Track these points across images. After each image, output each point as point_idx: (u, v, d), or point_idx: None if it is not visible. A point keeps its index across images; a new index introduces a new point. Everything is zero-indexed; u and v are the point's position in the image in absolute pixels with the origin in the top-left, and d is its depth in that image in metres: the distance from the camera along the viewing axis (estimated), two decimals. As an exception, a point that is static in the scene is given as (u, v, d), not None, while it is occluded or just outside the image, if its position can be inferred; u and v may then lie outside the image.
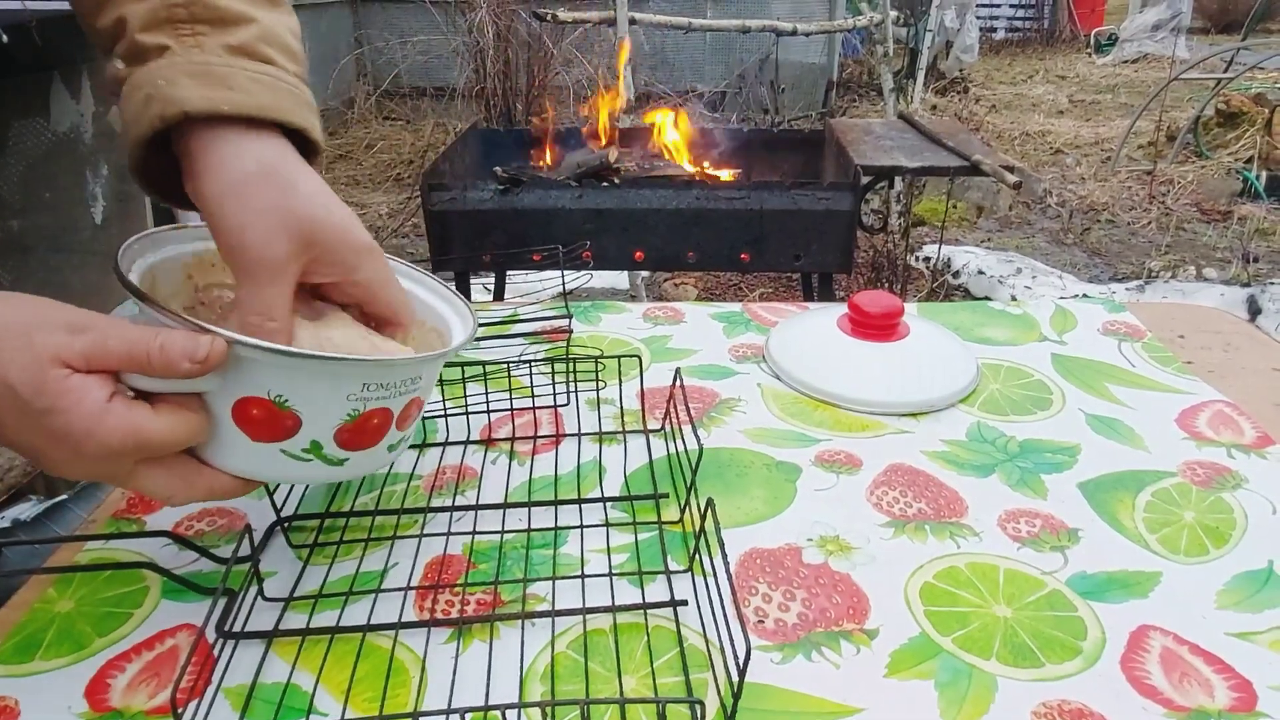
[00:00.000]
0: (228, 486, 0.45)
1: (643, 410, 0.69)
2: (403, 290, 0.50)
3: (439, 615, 0.49)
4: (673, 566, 0.52)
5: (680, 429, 0.65)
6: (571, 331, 0.82)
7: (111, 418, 0.39)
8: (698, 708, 0.41)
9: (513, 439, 0.66)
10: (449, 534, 0.56)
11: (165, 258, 0.50)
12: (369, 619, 0.48)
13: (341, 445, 0.46)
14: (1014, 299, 2.53)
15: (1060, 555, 0.53)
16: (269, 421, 0.43)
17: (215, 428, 0.44)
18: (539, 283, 0.90)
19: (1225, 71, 4.55)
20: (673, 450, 0.63)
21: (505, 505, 0.58)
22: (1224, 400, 0.70)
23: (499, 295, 2.14)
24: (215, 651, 0.46)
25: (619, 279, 2.86)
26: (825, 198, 1.67)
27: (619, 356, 0.73)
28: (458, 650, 0.47)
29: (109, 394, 0.40)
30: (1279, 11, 7.43)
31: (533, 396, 0.69)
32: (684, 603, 0.49)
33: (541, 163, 2.08)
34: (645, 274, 2.83)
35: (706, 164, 2.05)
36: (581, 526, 0.56)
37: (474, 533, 0.56)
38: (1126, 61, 7.55)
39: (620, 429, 0.67)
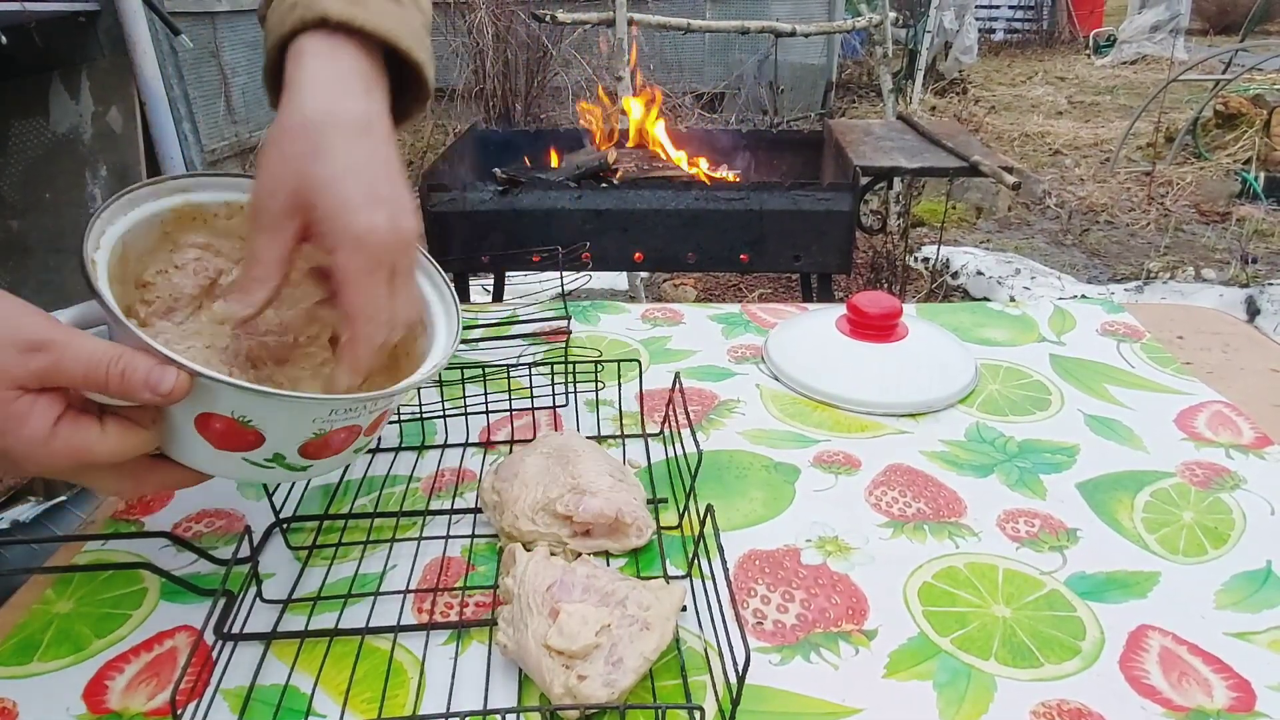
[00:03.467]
0: (180, 479, 0.45)
1: (641, 413, 0.69)
2: (371, 296, 0.45)
3: (438, 618, 0.49)
4: (672, 571, 0.52)
5: (679, 433, 0.65)
6: (570, 333, 0.82)
7: (56, 441, 0.39)
8: (697, 714, 0.41)
9: (512, 441, 0.66)
10: (448, 536, 0.56)
11: (140, 219, 0.48)
12: (368, 621, 0.48)
13: (305, 456, 0.45)
14: (1013, 300, 2.53)
15: (1059, 555, 0.53)
16: (231, 435, 0.42)
17: (177, 431, 0.43)
18: (538, 284, 0.90)
19: (1224, 73, 4.55)
20: (672, 455, 0.63)
21: (504, 506, 0.58)
22: (1223, 401, 0.70)
23: (498, 296, 2.14)
24: (214, 653, 0.46)
25: (618, 280, 2.86)
26: (824, 198, 1.67)
27: (618, 360, 0.73)
28: (456, 652, 0.47)
29: (56, 415, 0.39)
30: (1277, 13, 7.44)
31: (532, 398, 0.69)
32: (683, 608, 0.49)
33: (542, 163, 2.08)
34: (644, 275, 2.83)
35: (705, 165, 2.05)
36: (580, 528, 0.56)
37: (473, 536, 0.56)
38: (1125, 63, 7.56)
39: (619, 432, 0.67)
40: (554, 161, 2.05)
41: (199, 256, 0.51)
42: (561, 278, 0.86)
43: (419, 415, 0.68)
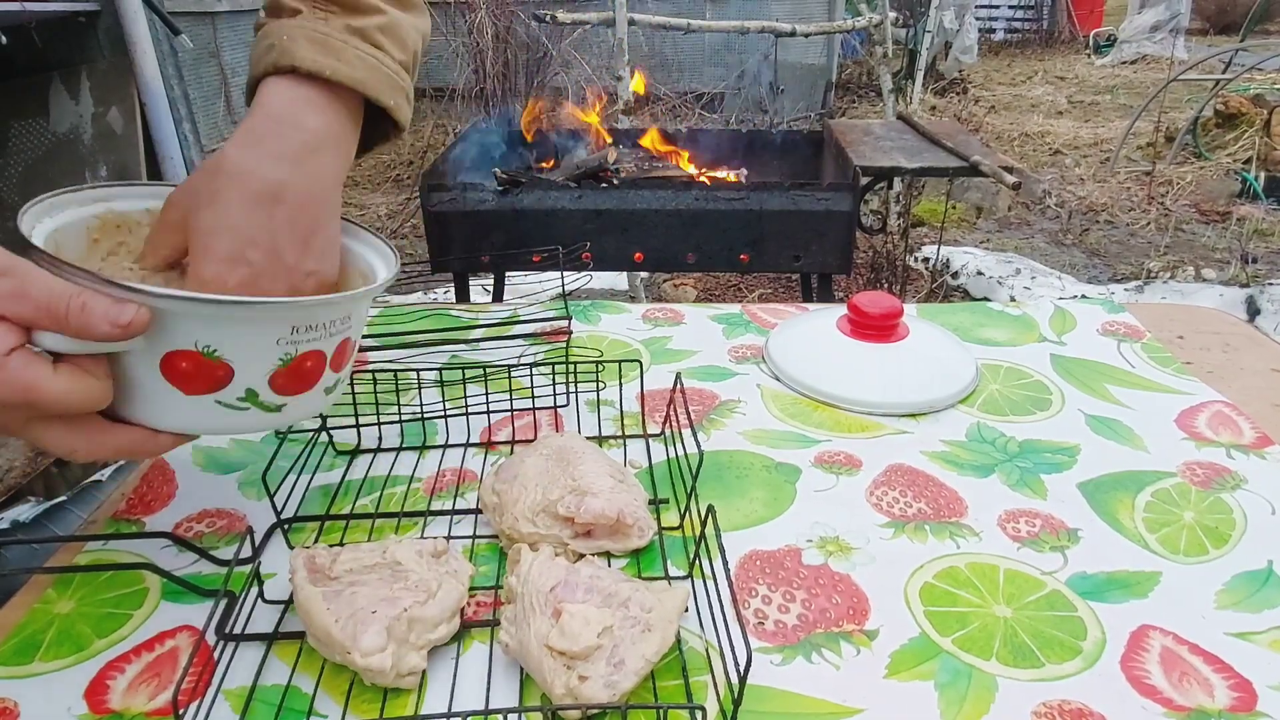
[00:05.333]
0: (137, 441, 0.44)
1: (642, 413, 0.69)
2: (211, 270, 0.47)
3: (439, 617, 0.49)
4: (673, 572, 0.52)
5: (680, 433, 0.65)
6: (571, 333, 0.82)
7: (5, 371, 0.38)
8: (698, 714, 0.41)
9: (513, 441, 0.66)
10: (450, 537, 0.56)
11: (67, 222, 0.49)
12: (369, 620, 0.48)
13: (277, 391, 0.45)
14: (1013, 300, 2.53)
15: (1060, 555, 0.53)
16: (200, 373, 0.42)
17: (145, 387, 0.42)
18: (539, 284, 0.90)
19: (1224, 73, 4.55)
20: (673, 455, 0.63)
21: (505, 506, 0.58)
22: (1223, 401, 0.70)
23: (498, 296, 2.14)
24: (216, 653, 0.45)
25: (618, 280, 2.86)
26: (824, 198, 1.67)
27: (619, 361, 0.73)
28: (458, 652, 0.47)
29: (10, 347, 0.38)
30: (1277, 13, 7.44)
31: (533, 398, 0.69)
32: (684, 609, 0.49)
33: (542, 163, 2.08)
34: (644, 275, 2.83)
35: (705, 165, 2.05)
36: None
37: (474, 536, 0.56)
38: (1125, 62, 7.56)
39: (620, 432, 0.67)
40: (550, 154, 2.05)
41: (130, 267, 0.52)
42: (562, 278, 0.86)
43: (420, 415, 0.68)
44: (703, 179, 1.91)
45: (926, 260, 3.13)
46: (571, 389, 0.72)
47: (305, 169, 0.49)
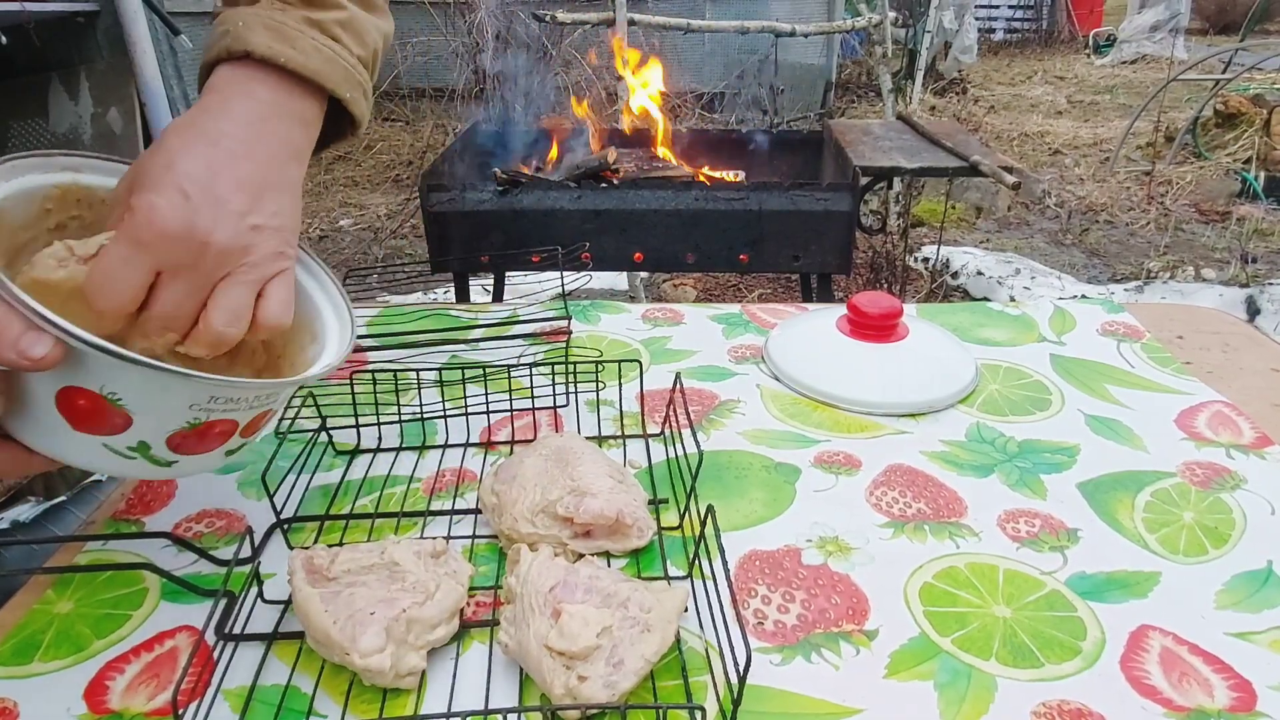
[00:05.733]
0: (8, 462, 0.42)
1: (642, 413, 0.69)
2: (115, 284, 0.42)
3: (439, 617, 0.49)
4: (672, 572, 0.52)
5: (680, 433, 0.65)
6: (571, 333, 0.82)
7: None
8: (698, 714, 0.41)
9: (512, 441, 0.66)
10: (449, 537, 0.56)
11: (22, 188, 0.46)
12: (369, 621, 0.48)
13: (173, 448, 0.43)
14: (1013, 300, 2.53)
15: (1060, 555, 0.53)
16: (96, 415, 0.40)
17: (34, 407, 0.40)
18: (538, 284, 0.90)
19: (1223, 72, 4.56)
20: (672, 455, 0.63)
21: (505, 507, 0.58)
22: (1223, 401, 0.70)
23: (498, 296, 2.14)
24: (215, 653, 0.45)
25: (618, 280, 2.86)
26: (824, 199, 1.67)
27: (619, 361, 0.73)
28: (457, 652, 0.47)
29: None
30: (1277, 12, 7.44)
31: (532, 398, 0.69)
32: (684, 609, 0.49)
33: (542, 163, 2.08)
34: (644, 275, 2.83)
35: (705, 165, 2.05)
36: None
37: (474, 536, 0.56)
38: (1125, 62, 7.56)
39: (620, 432, 0.67)
40: (550, 154, 2.05)
41: (70, 246, 0.48)
42: (562, 278, 0.86)
43: (419, 415, 0.68)
44: (702, 179, 1.91)
45: (926, 260, 3.14)
46: (571, 389, 0.72)
47: (253, 128, 0.47)
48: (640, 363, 0.71)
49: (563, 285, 0.86)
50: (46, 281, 0.43)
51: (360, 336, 0.51)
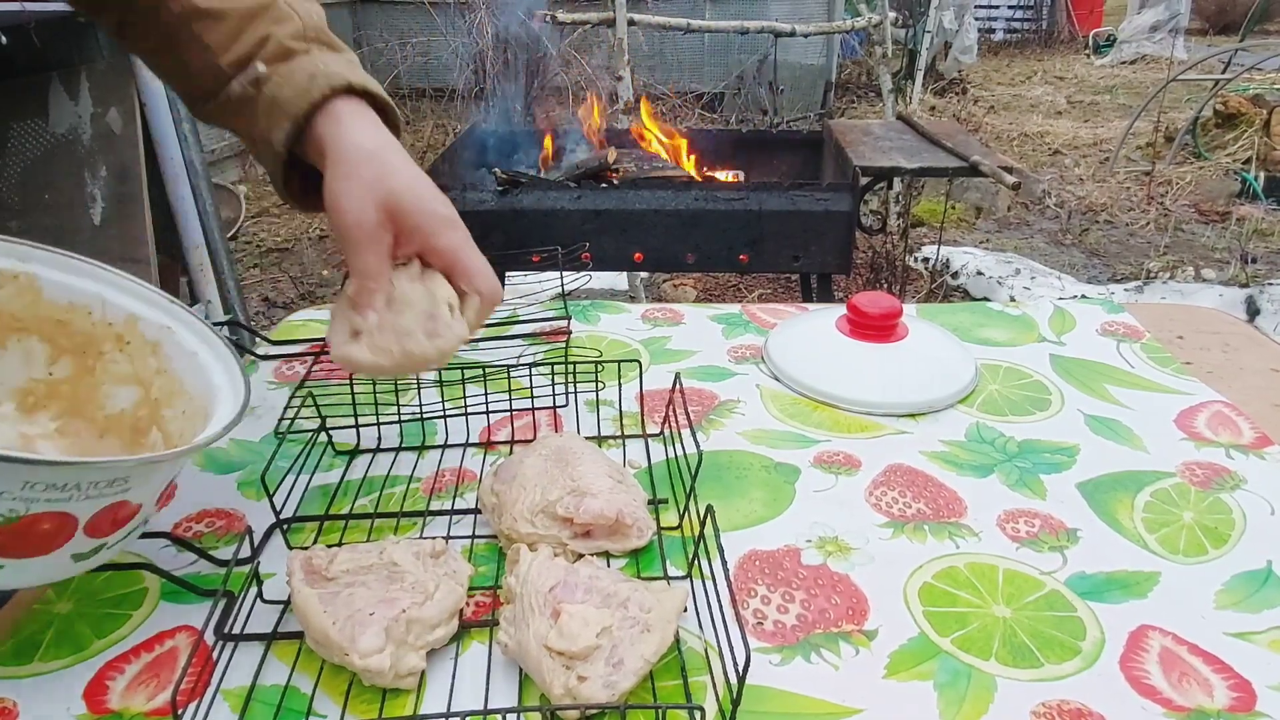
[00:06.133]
0: None
1: (642, 413, 0.69)
2: (480, 258, 0.54)
3: (438, 617, 0.49)
4: (672, 572, 0.52)
5: (679, 433, 0.65)
6: (571, 333, 0.82)
7: None
8: (697, 714, 0.41)
9: (512, 441, 0.66)
10: (449, 537, 0.56)
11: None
12: (368, 621, 0.48)
13: None
14: (1013, 300, 2.53)
15: (1059, 555, 0.53)
16: None
17: None
18: (538, 284, 0.90)
19: (1223, 73, 4.55)
20: (672, 455, 0.63)
21: (504, 507, 0.58)
22: (1223, 401, 0.70)
23: (498, 296, 2.13)
24: (215, 653, 0.45)
25: (618, 280, 2.86)
26: (824, 199, 1.67)
27: (619, 361, 0.73)
28: (457, 652, 0.47)
29: None
30: (1277, 13, 7.44)
31: (532, 398, 0.69)
32: (684, 609, 0.49)
33: (541, 163, 2.08)
34: (644, 275, 2.83)
35: (705, 165, 2.05)
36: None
37: (473, 536, 0.56)
38: (1125, 62, 7.56)
39: (619, 432, 0.67)
40: (550, 154, 2.05)
41: None
42: (561, 278, 0.86)
43: (419, 415, 0.68)
44: (702, 179, 1.91)
45: (926, 260, 3.13)
46: (571, 389, 0.72)
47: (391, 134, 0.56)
48: (640, 363, 0.71)
49: (562, 285, 0.86)
50: None
51: (156, 498, 0.48)
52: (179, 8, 0.52)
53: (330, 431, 0.65)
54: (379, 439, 0.66)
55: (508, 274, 2.17)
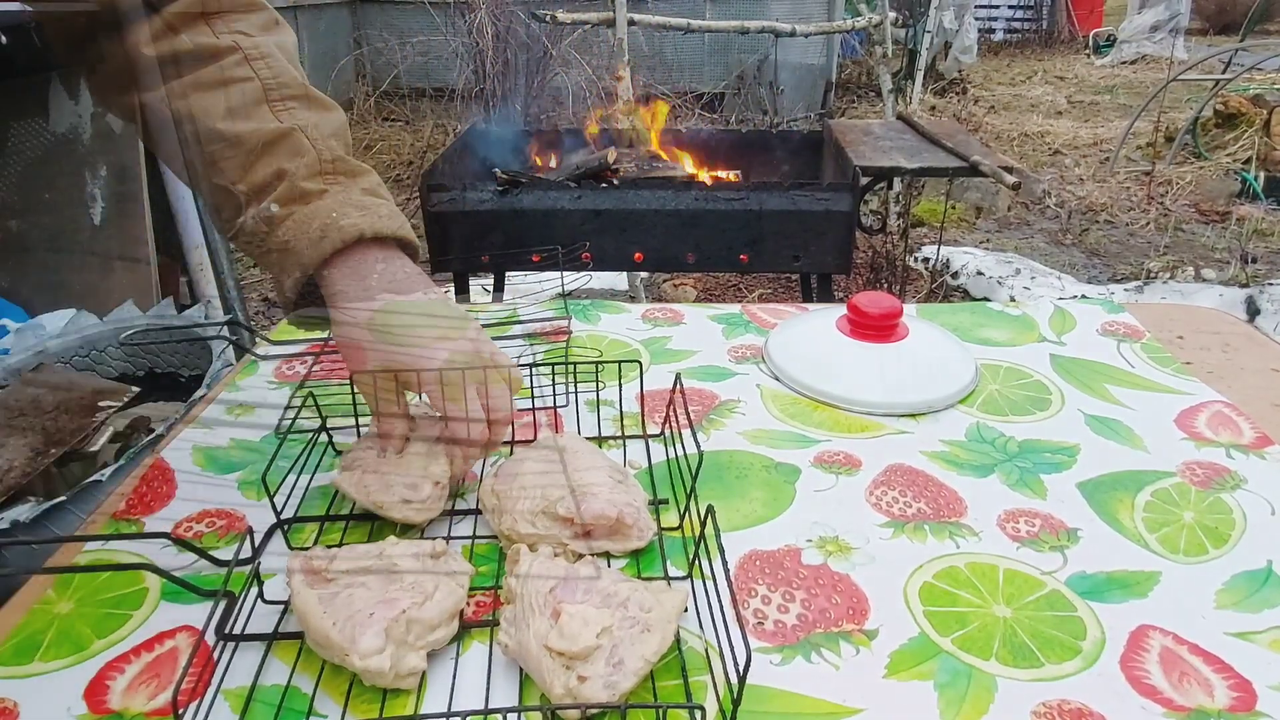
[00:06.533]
0: None
1: (642, 413, 0.69)
2: (461, 402, 0.56)
3: (439, 617, 0.49)
4: (673, 572, 0.52)
5: (680, 434, 0.65)
6: (571, 332, 0.82)
7: None
8: (698, 714, 0.41)
9: (512, 441, 0.66)
10: (450, 537, 0.56)
11: None
12: (369, 621, 0.48)
13: None
14: (1013, 300, 2.53)
15: (1060, 555, 0.53)
16: None
17: None
18: (538, 283, 0.90)
19: (1223, 73, 4.55)
20: (672, 455, 0.63)
21: (505, 507, 0.58)
22: (1223, 401, 0.70)
23: (498, 296, 2.13)
24: (215, 654, 0.45)
25: (618, 279, 2.86)
26: (824, 199, 1.67)
27: (619, 361, 0.73)
28: (457, 652, 0.47)
29: None
30: (1277, 13, 7.44)
31: (532, 398, 0.69)
32: (684, 609, 0.49)
33: (541, 163, 2.08)
34: (644, 275, 2.83)
35: (705, 165, 2.05)
36: (581, 528, 0.56)
37: (474, 536, 0.56)
38: (1125, 62, 7.55)
39: (620, 433, 0.67)
40: (550, 154, 2.05)
41: None
42: (562, 278, 0.86)
43: (419, 415, 0.68)
44: (702, 179, 1.91)
45: (926, 260, 3.13)
46: (571, 389, 0.72)
47: (409, 268, 0.59)
48: (640, 363, 0.71)
49: (563, 285, 0.86)
50: None
51: None
52: (200, 128, 0.54)
53: (331, 431, 0.65)
54: (379, 439, 0.66)
55: (508, 273, 2.18)
